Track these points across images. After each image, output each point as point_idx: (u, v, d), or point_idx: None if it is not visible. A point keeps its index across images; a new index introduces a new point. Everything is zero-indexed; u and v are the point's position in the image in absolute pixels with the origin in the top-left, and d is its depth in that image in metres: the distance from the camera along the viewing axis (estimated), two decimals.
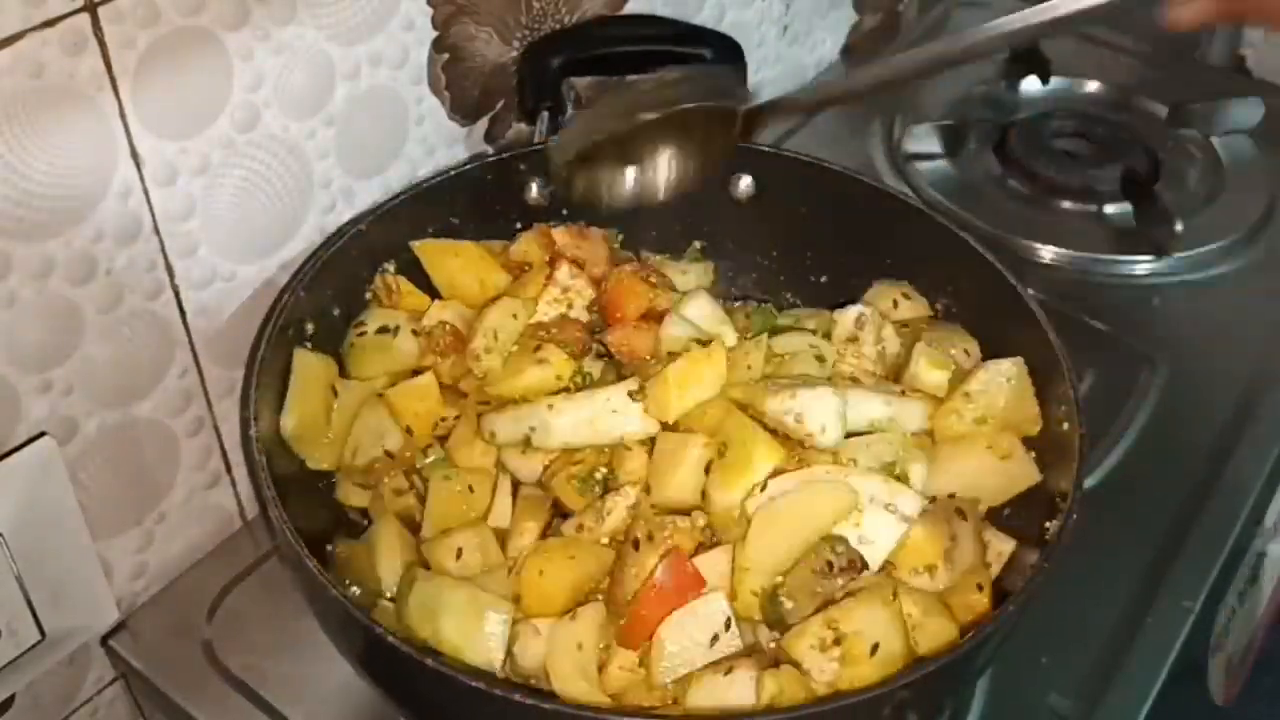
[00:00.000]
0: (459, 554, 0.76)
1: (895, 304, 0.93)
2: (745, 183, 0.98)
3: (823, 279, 0.99)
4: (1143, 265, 1.17)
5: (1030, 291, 0.87)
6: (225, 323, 0.86)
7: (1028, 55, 1.38)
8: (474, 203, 0.93)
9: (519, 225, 0.95)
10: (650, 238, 0.99)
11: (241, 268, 0.85)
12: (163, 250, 0.79)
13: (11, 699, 0.84)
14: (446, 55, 0.94)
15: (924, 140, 1.29)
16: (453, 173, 0.92)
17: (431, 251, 0.91)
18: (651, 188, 0.83)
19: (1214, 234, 1.19)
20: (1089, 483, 0.96)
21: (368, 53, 0.86)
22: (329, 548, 0.80)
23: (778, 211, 0.99)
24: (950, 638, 0.73)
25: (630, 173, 0.83)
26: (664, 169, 0.83)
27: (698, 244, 1.01)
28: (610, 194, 0.84)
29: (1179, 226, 1.16)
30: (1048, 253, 1.18)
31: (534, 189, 0.95)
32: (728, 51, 0.98)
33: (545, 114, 0.94)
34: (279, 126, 0.83)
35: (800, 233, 0.99)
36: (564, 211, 0.95)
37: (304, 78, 0.83)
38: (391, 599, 0.76)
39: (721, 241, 1.01)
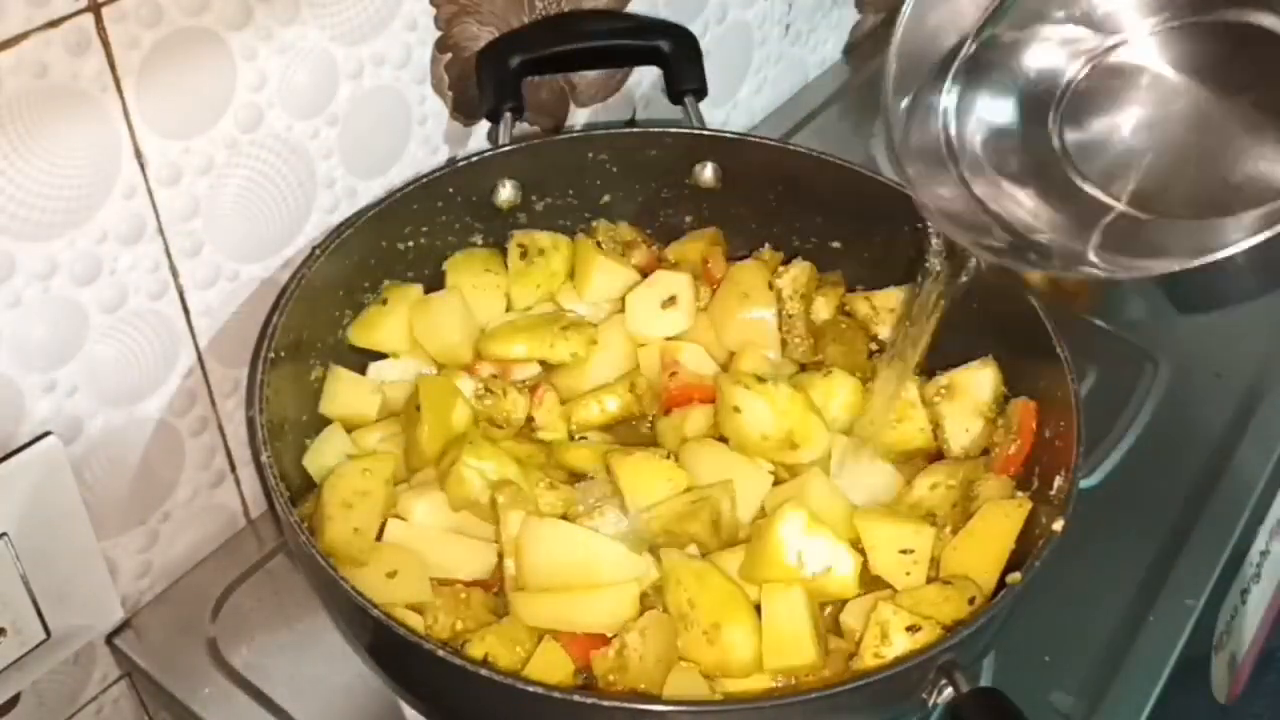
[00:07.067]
0: None
1: None
2: (710, 170, 0.99)
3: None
4: None
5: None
6: (229, 322, 0.86)
7: None
8: (445, 210, 0.94)
9: (487, 229, 0.97)
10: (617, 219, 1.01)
11: (245, 267, 0.86)
12: (167, 250, 0.80)
13: (17, 697, 0.84)
14: (449, 55, 0.94)
15: None
16: (423, 181, 0.91)
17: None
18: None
19: None
20: (1092, 481, 0.97)
21: (371, 52, 0.87)
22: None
23: (745, 197, 0.99)
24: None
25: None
26: None
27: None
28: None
29: None
30: None
31: (503, 192, 0.96)
32: (683, 43, 0.99)
33: (508, 115, 0.94)
34: (282, 126, 0.83)
35: (770, 217, 1.00)
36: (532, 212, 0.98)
37: (307, 77, 0.83)
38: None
39: (689, 228, 1.02)
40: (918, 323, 0.76)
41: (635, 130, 1.10)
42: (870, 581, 0.80)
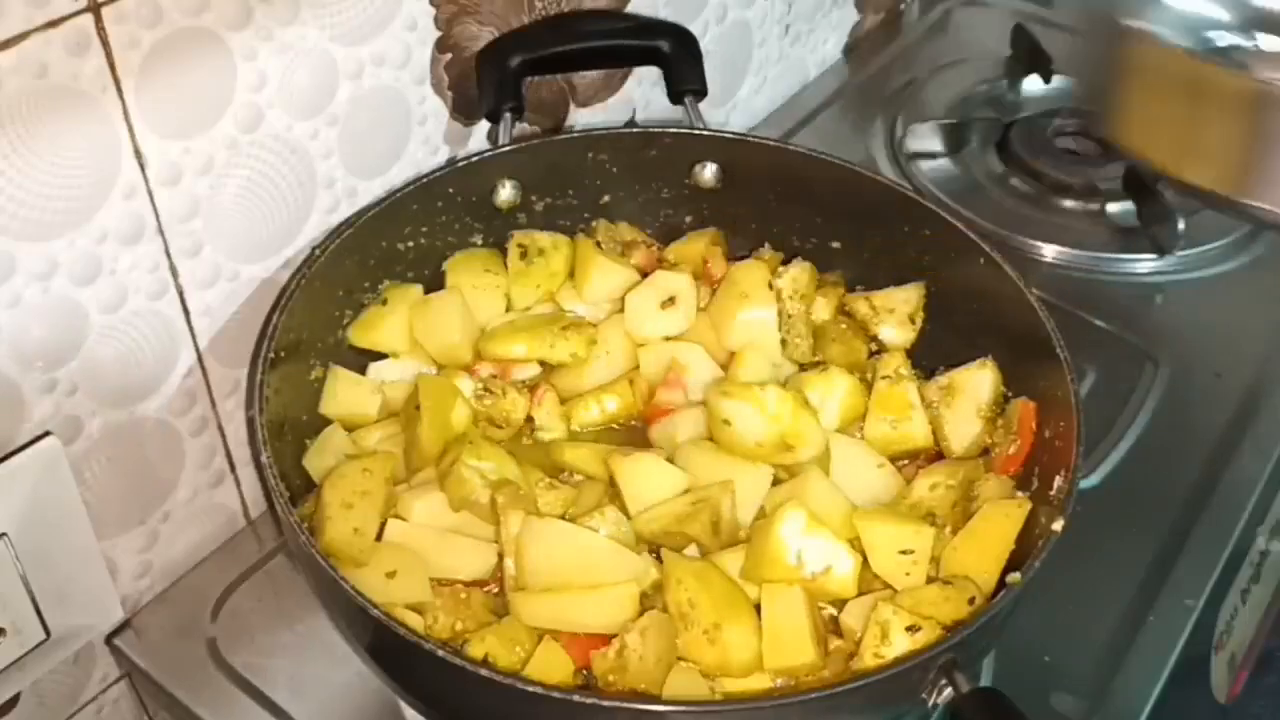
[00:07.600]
0: None
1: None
2: (710, 170, 0.99)
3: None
4: (1145, 264, 1.17)
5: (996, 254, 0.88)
6: (229, 322, 0.86)
7: (1029, 53, 1.39)
8: (445, 210, 0.94)
9: (488, 229, 0.97)
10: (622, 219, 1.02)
11: (245, 268, 0.86)
12: (167, 251, 0.80)
13: (16, 698, 0.84)
14: (449, 55, 0.94)
15: (926, 139, 1.29)
16: (423, 181, 0.91)
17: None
18: None
19: (1216, 232, 1.18)
20: (1092, 481, 0.97)
21: (370, 53, 0.87)
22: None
23: (745, 197, 1.00)
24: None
25: None
26: None
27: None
28: None
29: (1181, 225, 1.16)
30: (1050, 251, 1.18)
31: (503, 192, 0.96)
32: (683, 43, 0.99)
33: (508, 115, 0.94)
34: (282, 126, 0.83)
35: (770, 217, 1.00)
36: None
37: (307, 78, 0.83)
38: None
39: (689, 228, 1.02)
40: None
41: (635, 130, 1.10)
42: (870, 581, 0.80)
